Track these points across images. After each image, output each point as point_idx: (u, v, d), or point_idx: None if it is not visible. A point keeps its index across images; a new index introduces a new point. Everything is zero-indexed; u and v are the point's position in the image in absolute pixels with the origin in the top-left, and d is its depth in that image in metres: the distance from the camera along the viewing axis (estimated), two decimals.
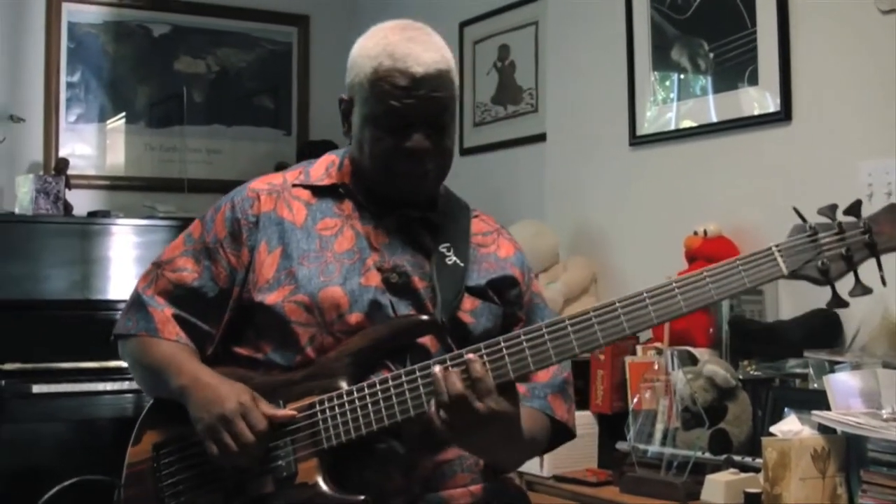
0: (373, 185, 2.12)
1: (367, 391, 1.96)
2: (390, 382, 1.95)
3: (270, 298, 2.05)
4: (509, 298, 2.18)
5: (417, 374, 1.93)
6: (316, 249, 2.08)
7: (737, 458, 2.89)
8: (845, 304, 1.90)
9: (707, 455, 2.95)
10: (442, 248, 2.12)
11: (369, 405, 1.95)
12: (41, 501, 2.02)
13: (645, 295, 1.87)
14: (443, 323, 2.04)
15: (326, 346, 2.03)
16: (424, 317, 2.04)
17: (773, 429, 2.76)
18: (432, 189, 2.16)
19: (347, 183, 2.16)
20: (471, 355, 1.88)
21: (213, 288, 2.13)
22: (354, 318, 2.03)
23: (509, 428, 1.91)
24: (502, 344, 1.89)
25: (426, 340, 2.04)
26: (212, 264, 2.14)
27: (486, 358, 1.88)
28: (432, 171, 2.09)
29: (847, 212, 1.89)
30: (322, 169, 2.20)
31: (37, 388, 4.26)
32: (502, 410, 1.86)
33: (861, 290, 1.88)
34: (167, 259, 2.19)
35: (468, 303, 2.10)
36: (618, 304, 1.88)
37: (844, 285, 1.90)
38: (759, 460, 2.74)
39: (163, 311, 2.15)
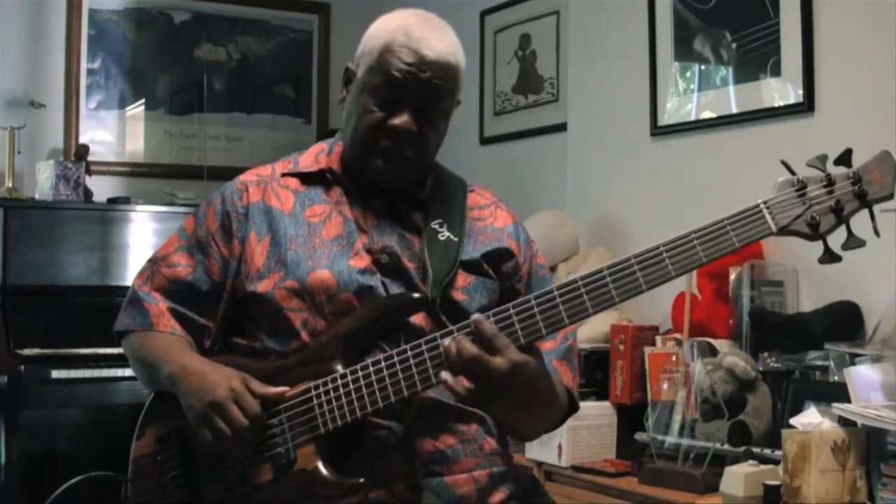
0: (350, 161, 2.13)
1: (360, 373, 1.96)
2: (382, 363, 1.94)
3: (262, 287, 2.08)
4: (506, 271, 2.17)
5: (409, 353, 1.93)
6: (304, 235, 2.10)
7: (756, 450, 2.88)
8: (838, 259, 1.82)
9: (726, 447, 2.94)
10: (434, 225, 2.12)
11: (363, 387, 1.95)
12: (50, 499, 2.03)
13: (633, 261, 1.83)
14: (433, 300, 2.03)
15: (319, 329, 2.04)
16: (415, 295, 2.04)
17: (793, 421, 2.75)
18: (407, 175, 2.14)
19: (335, 168, 2.17)
20: (476, 316, 1.85)
21: (206, 281, 2.16)
22: (344, 298, 2.04)
23: (536, 381, 1.88)
24: (512, 310, 1.87)
25: (419, 320, 2.04)
26: (205, 258, 2.17)
27: (514, 318, 1.86)
28: (410, 158, 2.09)
29: (837, 162, 1.83)
30: (311, 157, 2.22)
31: (56, 374, 4.27)
32: (524, 360, 1.83)
33: (854, 242, 1.80)
34: (162, 255, 2.23)
35: (461, 279, 2.09)
36: (606, 272, 1.84)
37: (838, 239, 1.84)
38: (778, 452, 2.74)
39: (158, 305, 2.18)
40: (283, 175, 2.20)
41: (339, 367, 1.98)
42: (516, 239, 2.21)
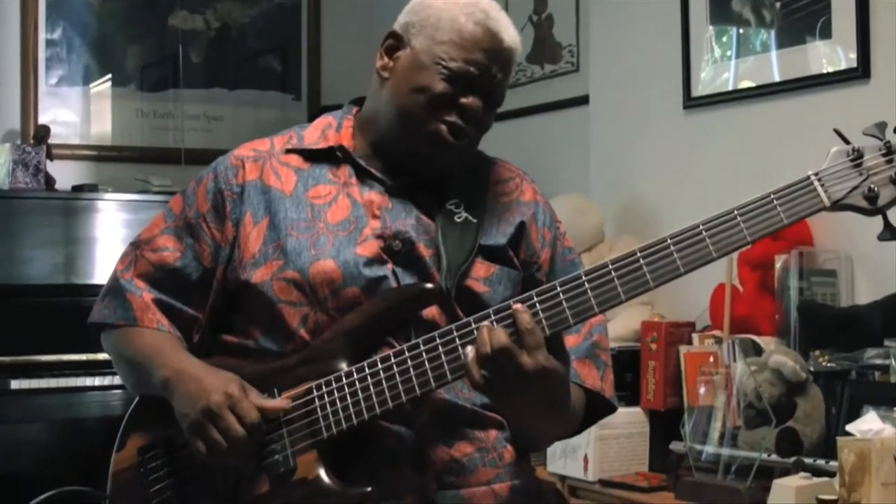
0: (395, 129, 2.12)
1: (367, 371, 1.96)
2: (392, 360, 1.94)
3: (257, 276, 2.07)
4: (524, 259, 2.16)
5: (422, 348, 1.93)
6: (307, 219, 2.09)
7: (808, 460, 2.88)
8: None
9: (774, 457, 2.94)
10: (450, 206, 2.12)
11: (370, 386, 1.95)
12: None
13: (669, 241, 1.85)
14: (448, 291, 2.03)
15: (321, 326, 2.04)
16: (427, 285, 2.04)
17: (849, 427, 2.74)
18: (455, 159, 2.15)
19: (346, 146, 2.16)
20: (517, 305, 1.87)
21: (197, 268, 2.15)
22: (350, 292, 2.04)
23: (558, 389, 1.90)
24: (535, 298, 1.88)
25: (432, 313, 2.04)
26: (195, 242, 2.16)
27: (538, 307, 1.87)
28: (469, 139, 2.12)
29: None
30: (317, 132, 2.21)
31: (16, 384, 4.27)
32: (552, 367, 1.85)
33: None
34: (146, 238, 2.21)
35: (482, 269, 2.09)
36: (639, 254, 1.86)
37: None
38: (833, 463, 2.73)
39: (141, 296, 2.17)
40: (286, 151, 2.18)
41: (344, 366, 1.98)
42: (535, 220, 2.20)
